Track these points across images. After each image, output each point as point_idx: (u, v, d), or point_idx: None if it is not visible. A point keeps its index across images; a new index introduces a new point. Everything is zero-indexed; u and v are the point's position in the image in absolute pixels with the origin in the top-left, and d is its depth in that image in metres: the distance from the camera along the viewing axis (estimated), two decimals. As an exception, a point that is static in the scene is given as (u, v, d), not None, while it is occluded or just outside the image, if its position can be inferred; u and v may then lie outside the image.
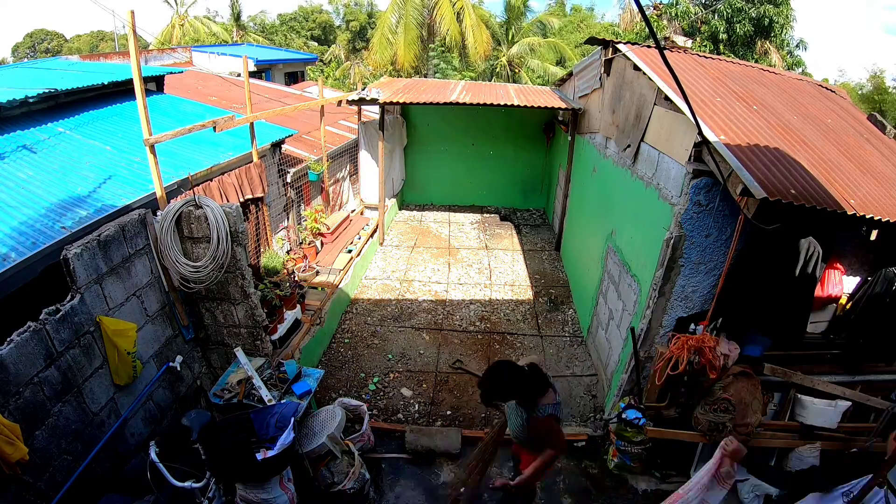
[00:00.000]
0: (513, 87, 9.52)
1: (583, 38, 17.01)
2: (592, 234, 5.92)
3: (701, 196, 3.32)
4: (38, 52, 35.22)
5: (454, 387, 5.06)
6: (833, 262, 3.83)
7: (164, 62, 13.61)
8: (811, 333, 3.98)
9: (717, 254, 3.51)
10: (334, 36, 32.51)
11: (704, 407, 3.46)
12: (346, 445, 3.64)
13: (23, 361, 2.49)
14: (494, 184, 10.25)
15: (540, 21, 20.06)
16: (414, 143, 9.87)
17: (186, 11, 22.70)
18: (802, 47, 17.88)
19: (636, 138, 4.39)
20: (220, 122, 4.20)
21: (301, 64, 19.31)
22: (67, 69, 5.97)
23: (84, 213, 3.20)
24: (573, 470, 4.10)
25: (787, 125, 3.87)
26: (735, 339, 3.58)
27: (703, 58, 5.27)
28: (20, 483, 2.44)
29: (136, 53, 3.11)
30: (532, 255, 8.23)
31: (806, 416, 3.67)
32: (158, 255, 3.50)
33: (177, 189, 3.89)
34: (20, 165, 3.53)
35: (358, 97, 7.19)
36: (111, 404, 3.14)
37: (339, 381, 5.08)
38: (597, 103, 6.15)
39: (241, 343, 4.07)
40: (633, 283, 4.26)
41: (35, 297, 2.77)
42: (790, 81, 5.55)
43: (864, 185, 3.33)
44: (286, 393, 3.74)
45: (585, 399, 4.95)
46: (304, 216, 6.82)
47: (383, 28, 16.97)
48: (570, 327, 6.18)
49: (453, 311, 6.44)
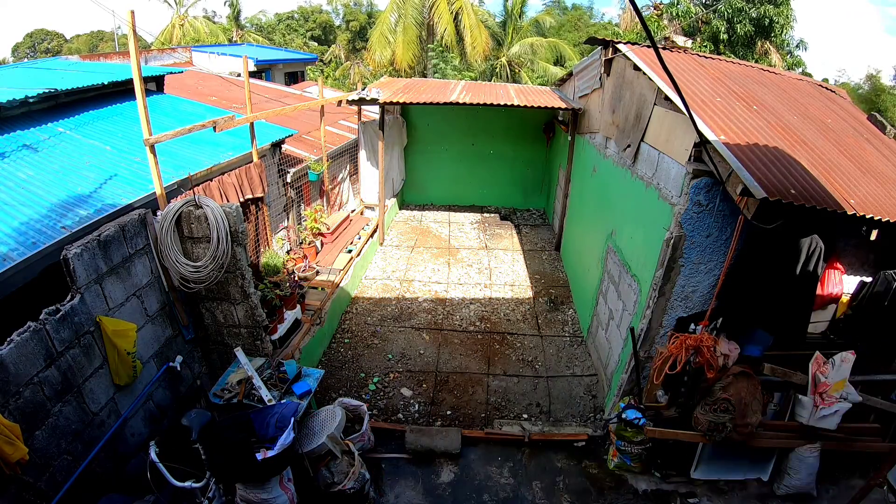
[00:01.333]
0: (513, 87, 9.52)
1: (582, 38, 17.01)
2: (592, 234, 5.92)
3: (701, 196, 3.32)
4: (38, 52, 35.20)
5: (454, 387, 5.06)
6: (833, 262, 3.84)
7: (164, 62, 13.60)
8: (811, 333, 3.98)
9: (717, 254, 3.51)
10: (334, 36, 32.51)
11: (704, 407, 3.46)
12: (346, 445, 3.64)
13: (23, 361, 2.49)
14: (494, 184, 10.25)
15: (537, 21, 20.06)
16: (414, 143, 9.87)
17: (186, 11, 22.70)
18: (802, 47, 17.89)
19: (636, 138, 4.39)
20: (220, 122, 4.20)
21: (301, 64, 19.31)
22: (67, 69, 5.97)
23: (84, 212, 3.20)
24: (573, 470, 4.10)
25: (787, 125, 3.87)
26: (735, 339, 3.58)
27: (703, 58, 5.28)
28: (20, 483, 2.44)
29: (136, 53, 3.11)
30: (532, 255, 8.23)
31: (806, 417, 3.67)
32: (158, 255, 3.50)
33: (177, 189, 3.89)
34: (20, 165, 3.53)
35: (358, 97, 7.19)
36: (111, 404, 3.14)
37: (339, 381, 5.08)
38: (597, 103, 6.15)
39: (241, 343, 4.07)
40: (633, 283, 4.26)
41: (35, 297, 2.77)
42: (790, 81, 5.55)
43: (863, 184, 3.34)
44: (286, 393, 3.74)
45: (585, 399, 4.95)
46: (304, 216, 6.82)
47: (382, 28, 16.95)
48: (570, 327, 6.18)
49: (453, 311, 6.44)
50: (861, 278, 4.09)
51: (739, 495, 3.86)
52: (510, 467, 4.11)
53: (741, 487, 3.91)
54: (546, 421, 4.64)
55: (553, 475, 4.04)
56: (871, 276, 4.08)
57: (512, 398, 4.94)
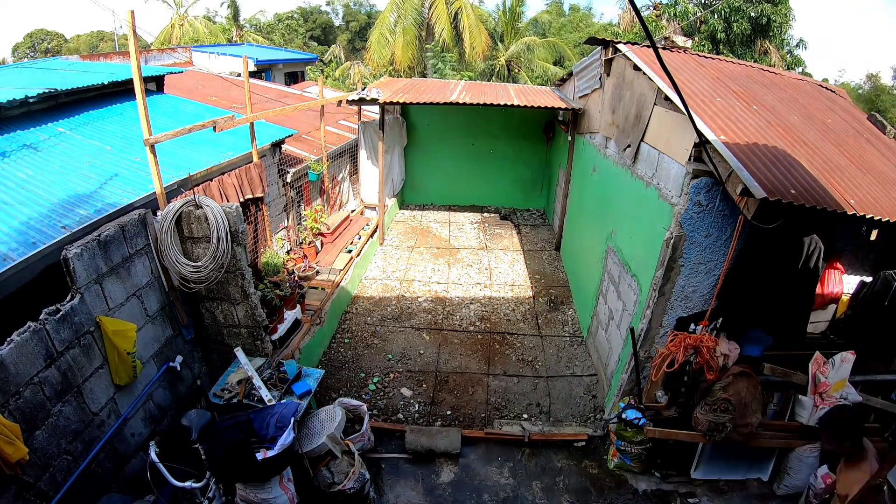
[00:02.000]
0: (513, 87, 9.52)
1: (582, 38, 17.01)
2: (592, 234, 5.92)
3: (701, 196, 3.32)
4: (38, 52, 35.17)
5: (454, 387, 5.06)
6: (833, 262, 3.84)
7: (164, 62, 13.60)
8: (811, 333, 3.98)
9: (717, 254, 3.51)
10: (334, 36, 32.54)
11: (704, 407, 3.46)
12: (346, 445, 3.64)
13: (23, 361, 2.49)
14: (494, 184, 10.24)
15: (536, 20, 20.05)
16: (414, 143, 9.87)
17: (186, 12, 22.70)
18: (802, 46, 17.91)
19: (636, 138, 4.39)
20: (220, 122, 4.20)
21: (301, 64, 19.32)
22: (67, 69, 5.97)
23: (84, 212, 3.20)
24: (573, 470, 4.10)
25: (787, 125, 3.87)
26: (735, 338, 3.58)
27: (702, 58, 5.28)
28: (20, 483, 2.44)
29: (136, 53, 3.11)
30: (532, 255, 8.23)
31: (806, 416, 3.67)
32: (158, 255, 3.50)
33: (177, 189, 3.89)
34: (20, 165, 3.52)
35: (358, 97, 7.19)
36: (111, 404, 3.14)
37: (339, 381, 5.08)
38: (597, 103, 6.15)
39: (241, 343, 4.07)
40: (633, 282, 4.26)
41: (35, 297, 2.77)
42: (790, 81, 5.55)
43: (863, 184, 3.34)
44: (286, 393, 3.74)
45: (585, 399, 4.95)
46: (304, 216, 6.82)
47: (382, 28, 16.93)
48: (570, 327, 6.18)
49: (453, 311, 6.44)
50: (861, 278, 4.10)
51: (739, 495, 3.86)
52: (510, 467, 4.11)
53: (741, 487, 3.91)
54: (546, 421, 4.64)
55: (553, 475, 4.04)
56: (871, 276, 4.08)
57: (512, 398, 4.94)
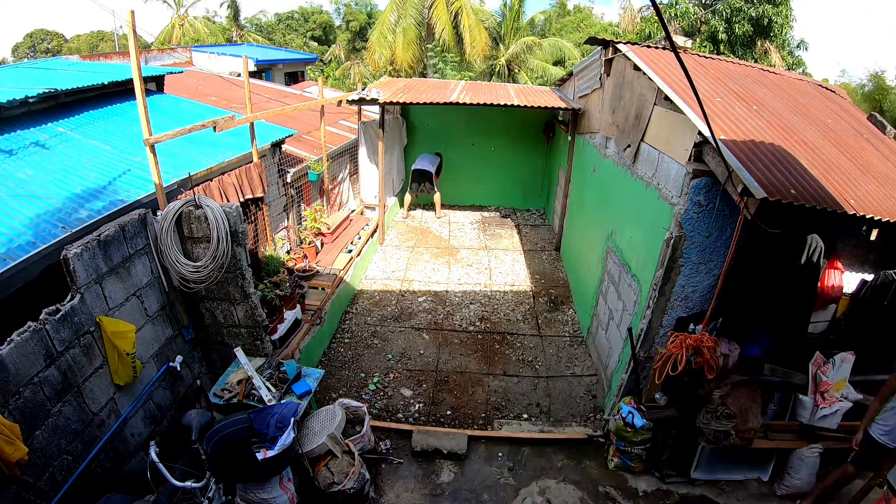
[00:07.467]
0: (513, 87, 9.52)
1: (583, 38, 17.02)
2: (592, 234, 5.92)
3: (701, 196, 3.32)
4: (38, 52, 35.18)
5: (454, 387, 5.06)
6: (833, 262, 3.84)
7: (164, 62, 13.60)
8: (812, 334, 3.98)
9: (717, 254, 3.51)
10: (334, 36, 32.52)
11: (707, 416, 3.46)
12: (347, 446, 3.64)
13: (23, 361, 2.49)
14: (494, 183, 10.24)
15: (534, 20, 20.04)
16: (414, 143, 9.86)
17: (186, 12, 22.70)
18: (803, 47, 17.91)
19: (636, 138, 4.39)
20: (220, 122, 4.20)
21: (301, 64, 19.32)
22: (67, 69, 5.97)
23: (84, 212, 3.20)
24: (573, 470, 4.10)
25: (788, 125, 3.87)
26: (735, 339, 3.58)
27: (703, 58, 5.28)
28: (20, 483, 2.44)
29: (136, 53, 3.11)
30: (532, 255, 8.23)
31: (806, 416, 3.67)
32: (158, 255, 3.50)
33: (177, 189, 3.89)
34: (20, 165, 3.52)
35: (358, 97, 7.19)
36: (111, 404, 3.14)
37: (339, 381, 5.08)
38: (597, 103, 6.15)
39: (241, 343, 4.07)
40: (633, 283, 4.26)
41: (35, 297, 2.77)
42: (790, 81, 5.55)
43: (863, 184, 3.33)
44: (286, 393, 3.74)
45: (585, 399, 4.95)
46: (304, 216, 6.82)
47: (382, 28, 16.93)
48: (570, 327, 6.18)
49: (453, 311, 6.44)
50: (861, 278, 4.10)
51: (739, 495, 3.86)
52: (510, 467, 4.11)
53: (741, 487, 3.92)
54: (546, 421, 4.64)
55: (553, 475, 4.04)
56: (871, 275, 4.08)
57: (512, 398, 4.94)
